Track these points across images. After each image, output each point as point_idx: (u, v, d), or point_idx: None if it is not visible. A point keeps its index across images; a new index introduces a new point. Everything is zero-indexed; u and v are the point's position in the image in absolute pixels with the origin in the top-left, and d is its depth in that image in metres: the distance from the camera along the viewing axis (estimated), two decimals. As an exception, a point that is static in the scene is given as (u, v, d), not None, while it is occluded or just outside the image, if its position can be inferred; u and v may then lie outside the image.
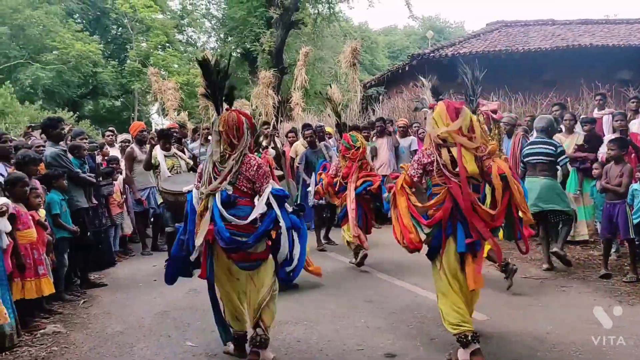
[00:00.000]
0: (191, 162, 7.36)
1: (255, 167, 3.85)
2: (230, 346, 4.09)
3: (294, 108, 13.90)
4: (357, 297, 5.49)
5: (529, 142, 6.55)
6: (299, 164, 9.12)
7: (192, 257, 3.85)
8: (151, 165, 7.39)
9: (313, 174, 8.15)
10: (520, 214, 3.95)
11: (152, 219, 9.02)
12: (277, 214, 3.77)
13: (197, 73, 20.41)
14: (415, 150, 9.38)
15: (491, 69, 16.66)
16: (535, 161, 6.32)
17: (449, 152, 3.77)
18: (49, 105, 25.07)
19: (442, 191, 3.79)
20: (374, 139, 10.08)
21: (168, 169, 7.19)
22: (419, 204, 3.88)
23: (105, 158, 8.05)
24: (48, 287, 5.07)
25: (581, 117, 8.48)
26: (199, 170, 4.11)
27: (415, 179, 3.91)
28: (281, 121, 14.99)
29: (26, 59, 25.75)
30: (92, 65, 27.37)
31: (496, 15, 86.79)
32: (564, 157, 6.36)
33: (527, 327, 4.45)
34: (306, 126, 9.84)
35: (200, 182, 3.98)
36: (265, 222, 3.78)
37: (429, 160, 3.86)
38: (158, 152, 7.31)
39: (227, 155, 3.85)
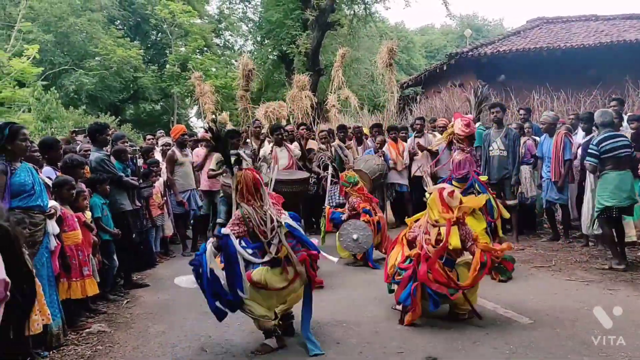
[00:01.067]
0: (250, 160, 7.49)
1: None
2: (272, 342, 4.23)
3: (330, 110, 13.91)
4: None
5: (603, 137, 6.33)
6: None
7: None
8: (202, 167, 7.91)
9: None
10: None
11: (192, 221, 9.18)
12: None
13: (234, 76, 20.65)
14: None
15: (532, 66, 16.51)
16: (623, 154, 6.24)
17: (439, 231, 4.55)
18: (92, 110, 25.77)
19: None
20: (410, 139, 10.01)
21: None
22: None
23: (147, 161, 8.21)
24: (92, 288, 5.21)
25: (628, 114, 8.22)
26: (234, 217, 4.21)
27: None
28: (317, 122, 15.02)
29: (70, 66, 26.55)
30: (133, 70, 28.06)
31: (537, 11, 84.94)
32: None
33: (573, 330, 4.33)
34: (340, 128, 10.03)
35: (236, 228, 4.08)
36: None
37: (415, 234, 4.79)
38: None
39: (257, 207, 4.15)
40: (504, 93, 14.13)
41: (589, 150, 6.46)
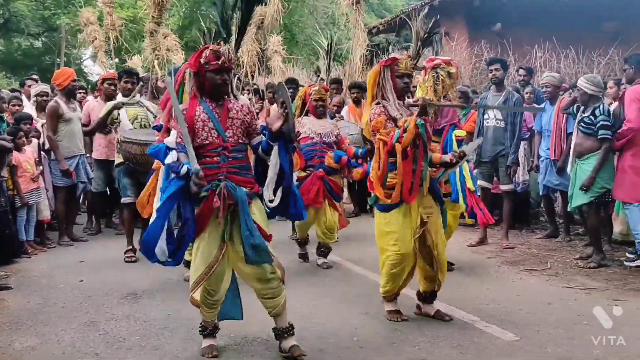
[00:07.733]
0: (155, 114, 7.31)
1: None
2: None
3: (271, 57, 13.71)
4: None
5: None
6: None
7: None
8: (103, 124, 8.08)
9: None
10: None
11: (81, 197, 9.02)
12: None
13: (144, 4, 20.13)
14: None
15: (536, 15, 16.61)
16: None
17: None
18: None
19: None
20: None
21: (130, 120, 7.33)
22: None
23: (14, 116, 7.98)
24: None
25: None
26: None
27: None
28: (259, 75, 14.83)
29: None
30: (2, -10, 27.05)
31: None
32: None
33: (569, 350, 4.44)
34: (291, 82, 9.84)
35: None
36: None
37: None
38: (118, 98, 7.88)
39: None
40: (499, 47, 14.29)
41: (603, 122, 6.57)
